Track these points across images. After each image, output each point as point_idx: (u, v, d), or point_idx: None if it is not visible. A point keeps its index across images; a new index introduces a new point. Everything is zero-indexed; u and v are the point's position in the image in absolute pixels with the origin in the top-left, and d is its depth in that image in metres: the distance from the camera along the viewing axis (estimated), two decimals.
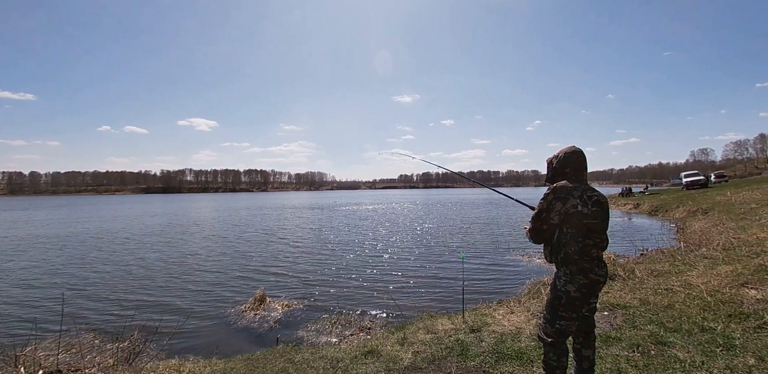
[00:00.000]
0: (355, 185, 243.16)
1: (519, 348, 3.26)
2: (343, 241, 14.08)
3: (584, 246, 2.05)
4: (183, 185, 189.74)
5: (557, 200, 2.08)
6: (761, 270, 4.87)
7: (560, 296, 2.12)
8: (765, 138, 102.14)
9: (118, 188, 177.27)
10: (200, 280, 8.44)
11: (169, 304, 6.81)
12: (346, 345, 3.86)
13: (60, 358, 4.26)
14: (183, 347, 4.97)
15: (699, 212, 15.28)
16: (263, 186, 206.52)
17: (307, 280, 8.14)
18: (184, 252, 12.26)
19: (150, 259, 11.13)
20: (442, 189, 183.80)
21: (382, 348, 3.48)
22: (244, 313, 6.05)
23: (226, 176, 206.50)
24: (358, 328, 5.07)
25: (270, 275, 8.78)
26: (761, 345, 2.83)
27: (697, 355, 2.79)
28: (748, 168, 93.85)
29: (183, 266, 10.06)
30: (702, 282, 4.85)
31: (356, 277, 8.33)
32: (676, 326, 3.42)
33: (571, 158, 2.22)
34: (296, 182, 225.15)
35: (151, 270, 9.56)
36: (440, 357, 3.19)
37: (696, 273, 5.47)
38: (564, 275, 2.11)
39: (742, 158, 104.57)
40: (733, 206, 13.82)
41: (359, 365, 3.12)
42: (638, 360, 2.84)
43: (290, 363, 3.30)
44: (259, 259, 10.77)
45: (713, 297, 4.12)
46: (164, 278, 8.73)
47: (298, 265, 9.79)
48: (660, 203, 21.16)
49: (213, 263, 10.30)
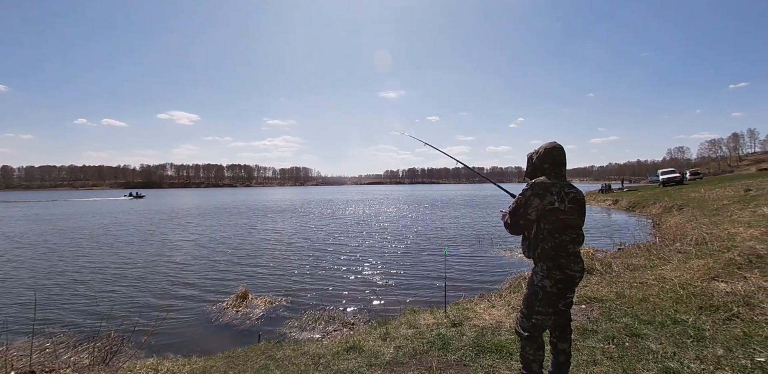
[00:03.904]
0: (340, 180, 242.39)
1: (499, 341, 3.31)
2: (327, 237, 14.01)
3: (561, 242, 2.08)
4: (164, 179, 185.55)
5: (535, 196, 2.10)
6: (731, 264, 5.07)
7: (537, 291, 2.15)
8: (737, 137, 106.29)
9: (96, 183, 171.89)
10: (180, 277, 8.27)
11: (147, 302, 6.65)
12: (329, 340, 3.85)
13: (33, 359, 4.12)
14: (162, 345, 4.86)
15: (674, 208, 15.80)
16: (247, 181, 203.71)
17: (290, 276, 8.07)
18: (164, 249, 11.98)
19: (128, 256, 10.84)
20: (428, 185, 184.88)
21: (365, 343, 3.48)
22: (225, 310, 5.96)
23: (208, 171, 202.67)
24: (341, 324, 5.06)
25: (253, 271, 8.66)
26: (729, 336, 2.94)
27: (669, 346, 2.89)
28: (721, 166, 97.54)
29: (162, 263, 9.83)
30: (675, 276, 5.01)
31: (340, 273, 8.31)
32: (650, 318, 3.53)
33: (551, 154, 2.23)
34: (281, 177, 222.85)
35: (129, 267, 9.31)
36: (422, 351, 3.21)
37: (670, 267, 5.66)
38: (541, 270, 2.14)
39: (716, 156, 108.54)
40: (706, 202, 14.33)
41: (341, 360, 3.12)
42: (613, 351, 2.92)
43: (271, 360, 3.27)
44: (242, 255, 10.61)
45: (685, 290, 4.26)
46: (142, 275, 8.51)
47: (281, 261, 9.69)
48: (637, 200, 21.78)
49: (194, 260, 10.10)
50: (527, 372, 2.24)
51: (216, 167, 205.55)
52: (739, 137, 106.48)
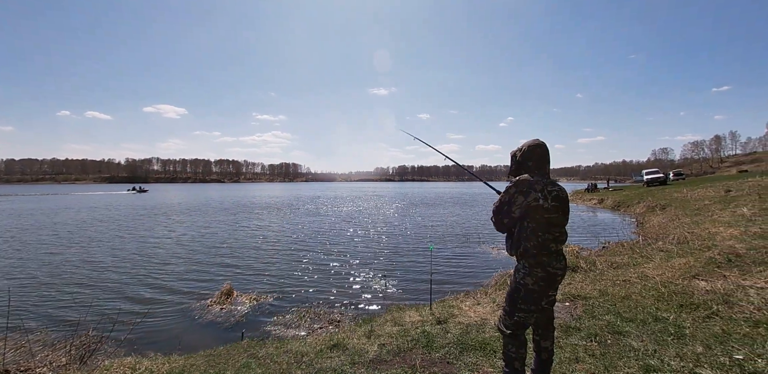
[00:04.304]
0: (330, 177, 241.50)
1: (483, 338, 3.31)
2: (315, 234, 13.91)
3: (544, 241, 2.07)
4: (149, 174, 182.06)
5: (519, 193, 2.09)
6: (711, 263, 5.17)
7: (519, 288, 2.14)
8: (719, 140, 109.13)
9: (79, 177, 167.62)
10: (164, 273, 8.10)
11: (128, 298, 6.49)
12: (313, 338, 3.79)
13: (8, 357, 3.99)
14: (142, 343, 4.75)
15: (657, 208, 16.13)
16: (235, 177, 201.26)
17: (276, 274, 7.97)
18: (146, 244, 11.74)
19: (108, 251, 10.58)
20: (418, 182, 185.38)
21: (349, 341, 3.45)
22: (209, 307, 5.85)
23: (195, 166, 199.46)
24: (327, 321, 5.01)
25: (239, 268, 8.53)
26: (709, 333, 2.99)
27: (650, 344, 2.92)
28: (703, 167, 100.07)
29: (145, 259, 9.62)
30: (657, 274, 5.10)
31: (327, 270, 8.24)
32: (632, 316, 3.57)
33: (535, 152, 2.22)
34: (270, 173, 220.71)
35: (109, 263, 9.08)
36: (406, 349, 3.19)
37: (652, 265, 5.76)
38: (523, 268, 2.14)
39: (699, 157, 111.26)
40: (688, 202, 14.66)
41: (324, 359, 3.07)
42: (595, 349, 2.94)
43: (253, 359, 3.21)
44: (227, 252, 10.45)
45: (667, 288, 4.33)
46: (123, 271, 8.31)
47: (268, 258, 9.58)
48: (622, 199, 22.18)
49: (178, 256, 9.91)
50: (510, 370, 2.23)
51: (203, 162, 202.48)
52: (720, 140, 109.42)
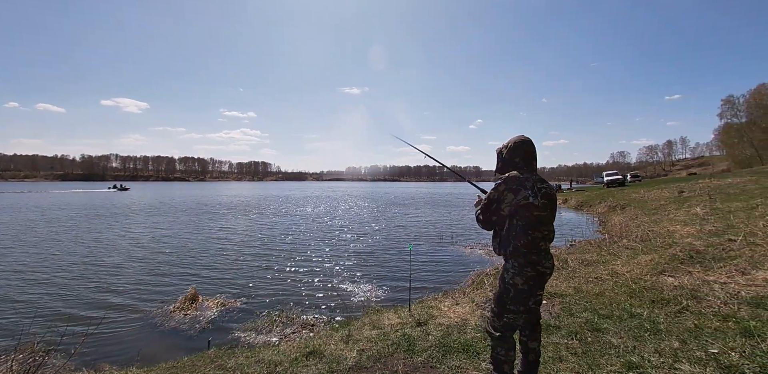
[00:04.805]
0: (301, 176, 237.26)
1: (465, 340, 3.23)
2: (285, 235, 13.50)
3: (533, 239, 2.02)
4: (108, 172, 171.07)
5: (509, 191, 2.03)
6: (675, 260, 5.40)
7: (508, 289, 2.08)
8: (671, 144, 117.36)
9: (29, 174, 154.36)
10: (119, 277, 7.50)
11: (79, 306, 5.94)
12: (287, 345, 3.57)
13: None
14: (96, 355, 4.33)
15: (618, 208, 16.94)
16: (201, 176, 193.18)
17: (245, 277, 7.59)
18: (101, 246, 10.90)
19: (56, 254, 9.72)
20: (390, 182, 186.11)
21: (326, 347, 3.26)
22: (172, 314, 5.45)
23: (158, 164, 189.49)
24: (300, 326, 4.78)
25: (204, 272, 8.04)
26: (683, 328, 3.06)
27: (629, 340, 2.94)
28: (657, 170, 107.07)
29: (99, 261, 8.89)
30: (626, 271, 5.26)
31: (299, 272, 7.95)
32: (608, 312, 3.62)
33: (521, 148, 2.18)
34: (238, 171, 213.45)
35: (57, 267, 8.32)
36: (386, 354, 3.05)
37: (620, 262, 5.95)
38: (512, 267, 2.07)
39: (653, 160, 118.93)
40: (646, 202, 15.49)
41: (300, 367, 2.87)
42: (577, 347, 2.93)
43: (222, 370, 2.95)
44: (191, 255, 9.87)
45: (637, 285, 4.45)
46: (73, 275, 7.63)
47: (235, 261, 9.13)
48: (585, 199, 23.17)
49: (136, 259, 9.25)
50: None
51: (167, 159, 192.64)
52: (672, 144, 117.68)
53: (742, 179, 16.69)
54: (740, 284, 3.97)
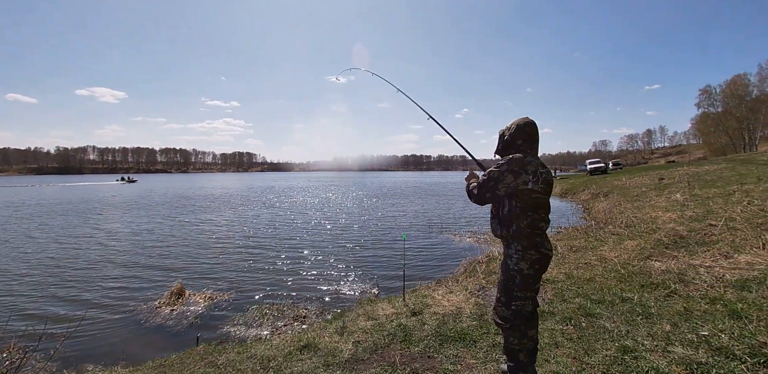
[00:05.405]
0: (287, 166, 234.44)
1: (461, 328, 3.22)
2: (272, 227, 13.32)
3: (533, 220, 2.00)
4: (85, 164, 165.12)
5: (510, 172, 1.99)
6: (660, 245, 5.52)
7: (513, 275, 2.05)
8: (650, 133, 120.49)
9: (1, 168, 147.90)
10: (102, 273, 7.25)
11: (59, 303, 5.71)
12: (280, 339, 3.50)
13: None
14: (79, 355, 4.16)
15: (601, 195, 17.30)
16: (183, 167, 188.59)
17: (233, 270, 7.44)
18: (81, 240, 10.53)
19: (34, 249, 9.34)
20: (377, 172, 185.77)
21: (320, 340, 3.20)
22: (158, 309, 5.30)
23: (138, 155, 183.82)
24: (292, 318, 4.70)
25: (190, 266, 7.84)
26: (673, 311, 3.11)
27: (622, 325, 2.98)
28: (637, 158, 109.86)
29: (80, 256, 8.59)
30: (614, 256, 5.35)
31: (288, 264, 7.84)
32: (600, 298, 3.66)
33: (525, 130, 2.16)
34: (222, 162, 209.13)
35: (36, 262, 8.00)
36: (383, 345, 3.01)
37: (607, 248, 6.05)
38: (515, 252, 2.04)
39: (633, 149, 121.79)
40: (628, 189, 15.85)
41: (294, 362, 2.80)
42: (572, 332, 2.95)
43: (212, 368, 2.86)
44: (176, 248, 9.63)
45: (626, 270, 4.53)
46: (52, 271, 7.34)
47: (223, 254, 8.94)
48: (569, 187, 23.59)
49: (119, 253, 8.96)
50: (515, 364, 2.13)
51: (147, 150, 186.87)
52: (652, 133, 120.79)
53: (719, 166, 17.21)
54: (724, 267, 4.07)
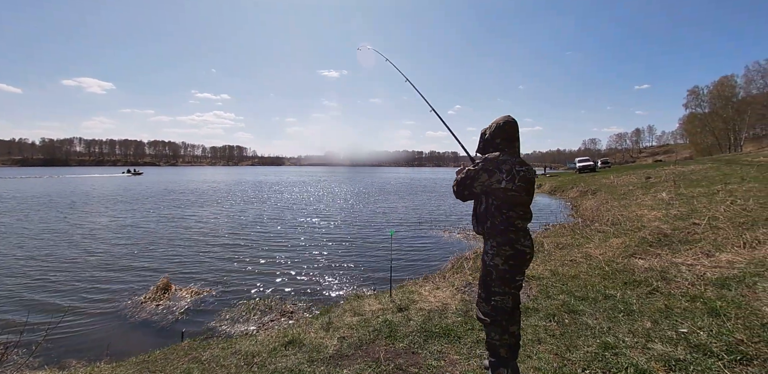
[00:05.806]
0: (278, 161, 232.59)
1: (446, 324, 3.24)
2: (260, 219, 13.23)
3: (508, 218, 2.04)
4: (71, 156, 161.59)
5: (484, 171, 2.04)
6: (644, 243, 5.62)
7: (490, 271, 2.09)
8: (639, 132, 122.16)
9: None
10: (85, 267, 7.13)
11: (41, 297, 5.60)
12: (265, 335, 3.48)
13: None
14: (61, 350, 4.10)
15: (589, 193, 17.53)
16: (172, 160, 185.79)
17: (219, 264, 7.38)
18: (65, 233, 10.33)
19: (12, 242, 9.14)
20: (369, 168, 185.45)
21: (305, 335, 3.19)
22: (143, 304, 5.23)
23: (126, 148, 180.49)
24: (279, 314, 4.68)
25: (177, 261, 7.75)
26: (654, 309, 3.17)
27: (604, 321, 3.03)
28: (625, 157, 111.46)
29: (60, 251, 8.43)
30: (599, 254, 5.43)
31: (275, 259, 7.80)
32: (584, 294, 3.72)
33: (504, 129, 2.18)
34: (212, 156, 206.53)
35: (15, 256, 7.83)
36: (368, 341, 3.01)
37: (593, 245, 6.14)
38: (491, 248, 2.08)
39: (621, 147, 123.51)
40: (615, 188, 16.08)
41: (279, 358, 2.79)
42: (555, 329, 2.99)
43: (196, 363, 2.83)
44: (163, 243, 9.51)
45: (610, 267, 4.60)
46: (33, 265, 7.20)
47: (210, 249, 8.86)
48: (558, 184, 23.86)
49: (104, 247, 8.82)
50: (496, 359, 2.15)
51: (135, 143, 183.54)
52: (640, 132, 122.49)
53: (704, 166, 17.57)
54: (706, 265, 4.16)
